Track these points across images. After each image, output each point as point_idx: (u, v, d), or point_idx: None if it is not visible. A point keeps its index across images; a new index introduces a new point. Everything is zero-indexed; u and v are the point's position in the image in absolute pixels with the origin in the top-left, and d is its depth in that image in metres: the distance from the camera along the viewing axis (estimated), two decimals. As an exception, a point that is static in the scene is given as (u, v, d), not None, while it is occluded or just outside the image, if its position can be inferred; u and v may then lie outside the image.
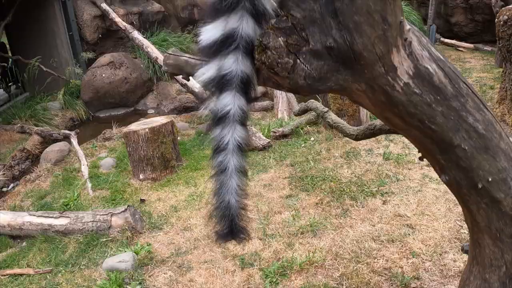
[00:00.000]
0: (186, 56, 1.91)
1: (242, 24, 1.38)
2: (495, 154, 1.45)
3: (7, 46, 13.91)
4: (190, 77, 2.00)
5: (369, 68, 1.38)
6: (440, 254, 4.17)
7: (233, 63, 1.40)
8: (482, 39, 14.15)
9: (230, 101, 1.43)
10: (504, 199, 1.49)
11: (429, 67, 1.34)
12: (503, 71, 6.95)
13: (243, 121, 1.48)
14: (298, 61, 1.41)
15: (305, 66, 1.39)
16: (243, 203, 1.49)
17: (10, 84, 13.37)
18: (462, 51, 14.10)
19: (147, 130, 6.54)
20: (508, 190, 1.48)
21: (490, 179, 1.47)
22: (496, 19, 7.11)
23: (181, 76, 1.98)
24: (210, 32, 1.41)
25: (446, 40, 14.90)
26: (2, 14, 12.18)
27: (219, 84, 1.44)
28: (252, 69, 1.45)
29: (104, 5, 12.09)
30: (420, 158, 1.68)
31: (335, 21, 1.35)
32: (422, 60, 1.33)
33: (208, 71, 1.45)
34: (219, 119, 1.46)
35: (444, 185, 1.98)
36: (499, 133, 1.45)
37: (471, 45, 13.98)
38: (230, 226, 1.46)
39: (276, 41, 1.38)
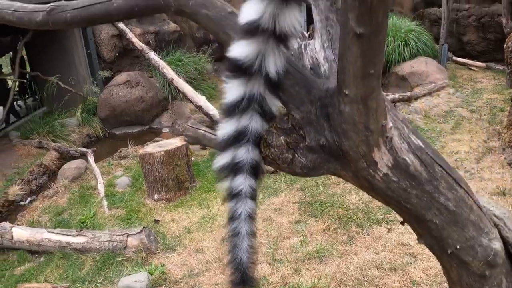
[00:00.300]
0: (203, 130, 2.20)
1: (252, 122, 1.66)
2: (464, 226, 1.70)
3: (26, 62, 14.30)
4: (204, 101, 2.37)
5: (354, 163, 1.66)
6: (440, 284, 4.36)
7: (245, 153, 1.69)
8: (494, 57, 14.22)
9: (242, 182, 1.72)
10: (472, 262, 1.73)
11: (406, 158, 1.61)
12: None
13: (253, 196, 1.77)
14: (296, 155, 1.71)
15: (302, 159, 1.69)
16: (253, 259, 1.79)
17: (27, 97, 13.75)
18: (474, 70, 14.19)
19: (162, 153, 6.81)
20: (475, 255, 1.72)
21: (458, 247, 1.71)
22: (505, 45, 7.33)
23: (199, 144, 2.27)
24: (225, 129, 1.69)
25: (458, 59, 14.98)
26: (23, 32, 12.58)
27: (233, 169, 1.73)
28: (260, 156, 1.74)
29: (121, 25, 12.38)
30: (402, 223, 1.94)
31: (327, 124, 1.63)
32: (401, 152, 1.59)
33: (223, 159, 1.74)
34: (233, 196, 1.75)
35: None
36: (470, 207, 1.69)
37: (483, 64, 14.02)
38: (242, 277, 1.77)
39: (278, 140, 1.68)
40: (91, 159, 8.84)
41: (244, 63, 1.53)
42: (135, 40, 10.58)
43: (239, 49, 1.52)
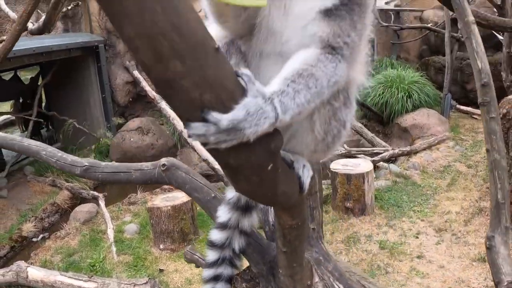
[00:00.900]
0: (197, 256, 2.75)
1: (225, 270, 2.41)
2: None
3: (43, 101, 14.87)
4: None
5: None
6: None
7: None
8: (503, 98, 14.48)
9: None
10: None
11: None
12: (507, 158, 7.35)
13: None
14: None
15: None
16: None
17: (42, 127, 14.33)
18: (476, 119, 14.40)
19: (169, 207, 7.28)
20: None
21: None
22: (500, 109, 7.69)
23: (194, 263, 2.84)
24: (209, 259, 2.41)
25: (462, 107, 15.34)
26: (43, 73, 13.22)
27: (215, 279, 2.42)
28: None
29: (136, 73, 13.02)
30: None
31: (273, 279, 2.42)
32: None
33: (209, 272, 2.43)
34: None
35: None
36: None
37: None
38: None
39: (241, 285, 2.49)
40: (102, 203, 9.29)
41: (218, 243, 2.35)
42: (148, 89, 11.15)
43: (214, 236, 2.35)
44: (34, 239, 9.34)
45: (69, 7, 12.91)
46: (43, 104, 14.33)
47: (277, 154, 1.29)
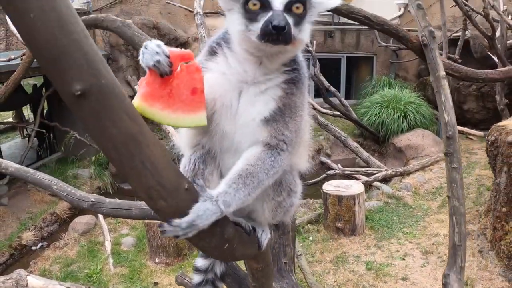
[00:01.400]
0: (187, 280, 3.01)
1: None
2: None
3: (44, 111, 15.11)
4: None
5: None
6: None
7: None
8: (493, 125, 14.54)
9: None
10: None
11: None
12: (493, 184, 7.54)
13: None
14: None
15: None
16: None
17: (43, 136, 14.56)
18: (472, 139, 14.75)
19: (165, 223, 7.48)
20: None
21: None
22: (486, 137, 7.86)
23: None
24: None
25: (458, 128, 15.32)
26: (47, 85, 13.48)
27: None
28: None
29: (137, 87, 13.24)
30: None
31: None
32: None
33: None
34: None
35: None
36: None
37: (481, 133, 14.28)
38: None
39: None
40: (100, 215, 9.46)
41: (203, 269, 2.53)
42: (148, 104, 11.34)
43: (199, 263, 2.53)
44: (33, 248, 9.57)
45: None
46: (45, 111, 14.58)
47: (230, 238, 1.71)
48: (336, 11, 3.50)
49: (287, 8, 1.59)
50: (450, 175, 3.52)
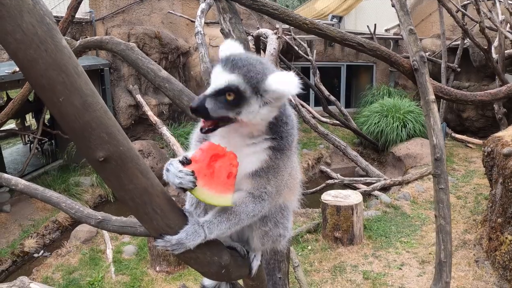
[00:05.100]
0: None
1: None
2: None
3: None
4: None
5: None
6: None
7: None
8: (492, 133, 14.52)
9: None
10: None
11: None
12: (490, 194, 7.61)
13: None
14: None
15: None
16: None
17: (45, 141, 14.67)
18: (471, 147, 14.81)
19: (166, 232, 7.59)
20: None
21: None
22: (482, 148, 7.96)
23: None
24: None
25: (457, 136, 15.64)
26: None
27: None
28: None
29: (138, 97, 13.41)
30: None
31: None
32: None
33: None
34: None
35: None
36: None
37: (480, 141, 14.11)
38: None
39: None
40: (102, 223, 9.58)
41: (210, 287, 2.65)
42: (150, 113, 11.51)
43: (206, 282, 2.65)
44: (36, 255, 9.67)
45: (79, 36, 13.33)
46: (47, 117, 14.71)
47: (227, 265, 1.96)
48: (331, 38, 3.63)
49: (219, 94, 1.76)
50: (438, 195, 3.69)
